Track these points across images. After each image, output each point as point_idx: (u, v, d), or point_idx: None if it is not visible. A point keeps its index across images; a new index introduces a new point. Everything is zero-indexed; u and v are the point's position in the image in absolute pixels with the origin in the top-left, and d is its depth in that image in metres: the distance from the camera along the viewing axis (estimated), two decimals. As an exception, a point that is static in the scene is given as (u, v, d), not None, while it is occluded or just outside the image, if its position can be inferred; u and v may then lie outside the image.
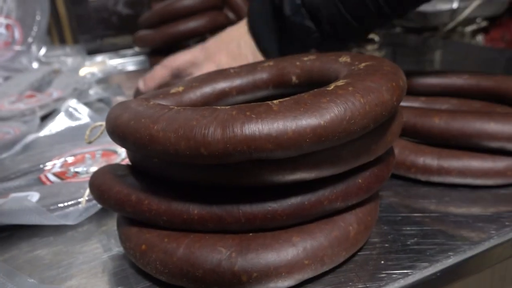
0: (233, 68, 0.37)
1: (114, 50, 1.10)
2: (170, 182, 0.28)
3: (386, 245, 0.30)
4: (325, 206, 0.27)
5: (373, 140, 0.27)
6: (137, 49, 0.93)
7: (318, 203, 0.26)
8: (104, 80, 0.88)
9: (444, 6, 1.10)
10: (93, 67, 0.87)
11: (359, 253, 0.29)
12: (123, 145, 0.27)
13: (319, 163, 0.25)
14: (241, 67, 0.37)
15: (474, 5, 1.05)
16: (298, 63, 0.35)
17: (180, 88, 0.35)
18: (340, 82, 0.25)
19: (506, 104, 0.44)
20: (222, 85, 0.36)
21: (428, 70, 0.64)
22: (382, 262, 0.28)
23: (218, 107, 0.24)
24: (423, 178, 0.37)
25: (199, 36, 0.81)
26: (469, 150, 0.36)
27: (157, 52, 0.82)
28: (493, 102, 0.45)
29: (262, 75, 0.36)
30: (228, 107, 0.24)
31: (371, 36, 0.97)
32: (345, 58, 0.31)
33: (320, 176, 0.26)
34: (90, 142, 0.33)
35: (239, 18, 0.82)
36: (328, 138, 0.23)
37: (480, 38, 1.16)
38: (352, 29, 0.47)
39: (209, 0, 0.78)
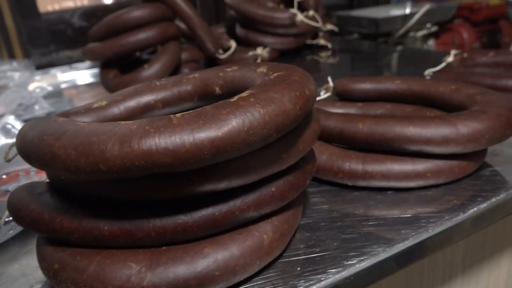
0: (159, 80, 0.37)
1: (68, 63, 1.08)
2: (83, 198, 0.27)
3: (307, 251, 0.30)
4: (237, 216, 0.27)
5: (283, 149, 0.27)
6: (90, 62, 0.92)
7: (230, 214, 0.27)
8: (55, 94, 0.86)
9: (395, 13, 1.13)
10: (43, 81, 0.85)
11: (279, 261, 0.30)
12: (29, 163, 0.26)
13: (227, 174, 0.26)
14: (167, 79, 0.37)
15: (423, 10, 1.08)
16: (221, 74, 0.35)
17: (103, 103, 0.35)
18: (244, 94, 0.26)
19: (435, 107, 0.46)
20: (147, 98, 0.36)
21: (382, 75, 0.66)
22: (299, 269, 0.28)
23: (122, 122, 0.25)
24: (350, 182, 0.37)
25: (150, 48, 0.80)
26: (393, 154, 0.37)
27: (108, 65, 0.81)
28: (424, 106, 0.47)
29: (187, 87, 0.36)
30: (131, 121, 0.24)
31: (324, 43, 0.99)
32: (262, 69, 0.32)
33: (229, 186, 0.26)
34: (8, 161, 0.32)
35: (190, 29, 0.82)
36: (227, 150, 0.23)
37: (431, 42, 1.20)
38: None
39: (159, 11, 0.77)
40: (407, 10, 1.26)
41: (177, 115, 0.24)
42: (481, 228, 0.34)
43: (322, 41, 0.98)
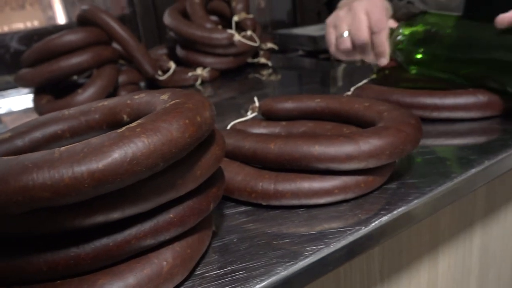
0: (68, 110, 0.37)
1: (6, 88, 1.05)
2: (-28, 236, 0.27)
3: (212, 274, 0.31)
4: (133, 245, 0.27)
5: (179, 176, 0.28)
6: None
7: (125, 243, 0.27)
8: (-11, 122, 0.84)
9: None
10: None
11: (185, 284, 0.30)
12: None
13: (119, 204, 0.26)
14: (76, 109, 0.37)
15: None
16: (129, 101, 0.35)
17: (7, 135, 0.34)
18: (133, 124, 0.26)
19: (352, 124, 0.48)
20: (53, 128, 0.35)
21: (320, 91, 0.68)
22: (204, 292, 0.29)
23: (8, 157, 0.24)
24: (263, 202, 0.38)
25: (85, 72, 0.80)
26: (304, 172, 0.38)
27: (42, 90, 0.79)
28: (342, 123, 0.49)
29: (95, 116, 0.36)
30: (14, 157, 0.24)
31: (265, 61, 1.01)
32: (164, 96, 0.32)
33: (123, 216, 0.26)
34: None
35: (127, 51, 0.82)
36: (109, 181, 0.23)
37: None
38: None
39: (93, 35, 0.77)
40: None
41: (62, 148, 0.24)
42: (385, 241, 0.35)
43: (262, 60, 1.01)
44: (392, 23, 0.62)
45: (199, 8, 0.95)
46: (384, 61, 0.61)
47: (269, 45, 1.02)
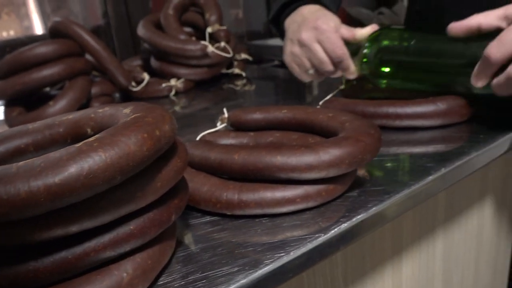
0: (33, 124, 0.37)
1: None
2: None
3: (174, 283, 0.31)
4: (92, 258, 0.27)
5: (138, 188, 0.28)
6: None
7: (84, 256, 0.27)
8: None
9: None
10: None
11: (146, 297, 0.30)
12: None
13: (77, 217, 0.26)
14: (41, 122, 0.37)
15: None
16: (92, 115, 0.36)
17: (-30, 150, 0.34)
18: (92, 138, 0.27)
19: (317, 133, 0.49)
20: (17, 142, 0.36)
21: (292, 101, 0.69)
22: (160, 303, 0.29)
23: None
24: (228, 212, 0.39)
25: (57, 84, 0.79)
26: (267, 182, 0.39)
27: (14, 102, 0.79)
28: (308, 133, 0.50)
29: (59, 129, 0.36)
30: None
31: (239, 72, 1.02)
32: (127, 109, 0.33)
33: (82, 229, 0.27)
34: None
35: (99, 63, 0.82)
36: (66, 195, 0.24)
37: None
38: None
39: (65, 47, 0.77)
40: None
41: (21, 162, 0.25)
42: (345, 247, 0.37)
43: (237, 70, 1.02)
44: (347, 32, 0.62)
45: (173, 19, 0.96)
46: (353, 76, 0.63)
47: (244, 55, 1.04)
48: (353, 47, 0.62)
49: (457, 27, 0.50)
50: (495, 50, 0.45)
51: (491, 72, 0.47)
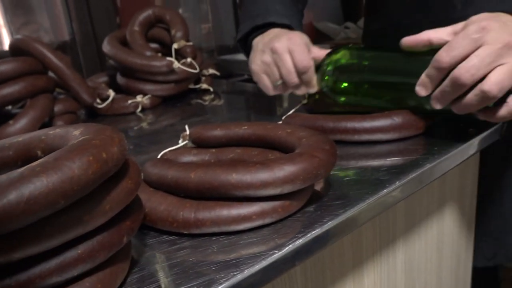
0: (-18, 146, 0.36)
1: None
2: None
3: (126, 307, 0.31)
4: (37, 284, 0.27)
5: (86, 211, 0.28)
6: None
7: (29, 283, 0.27)
8: None
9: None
10: None
11: (97, 321, 0.30)
12: None
13: (20, 244, 0.26)
14: (-10, 145, 0.36)
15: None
16: (43, 137, 0.35)
17: None
18: (35, 162, 0.26)
19: (276, 149, 0.50)
20: (-36, 166, 0.35)
21: (262, 115, 0.69)
22: (112, 327, 0.29)
23: None
24: (185, 231, 0.39)
25: (18, 102, 0.78)
26: (224, 200, 0.39)
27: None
28: (268, 148, 0.51)
29: (9, 152, 0.36)
30: None
31: (206, 87, 1.02)
32: (77, 131, 0.33)
33: (25, 255, 0.26)
34: None
35: (63, 81, 0.81)
36: (5, 222, 0.23)
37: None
38: None
39: (26, 65, 0.76)
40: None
41: (-41, 190, 0.24)
42: (300, 263, 0.37)
43: (204, 85, 1.02)
44: (317, 52, 0.65)
45: (138, 36, 0.96)
46: (314, 90, 0.64)
47: (211, 71, 1.04)
48: (317, 65, 0.64)
49: (409, 40, 0.52)
50: (445, 54, 0.47)
51: (437, 79, 0.49)
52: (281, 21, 0.70)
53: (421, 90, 0.51)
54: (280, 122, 0.62)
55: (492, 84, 0.45)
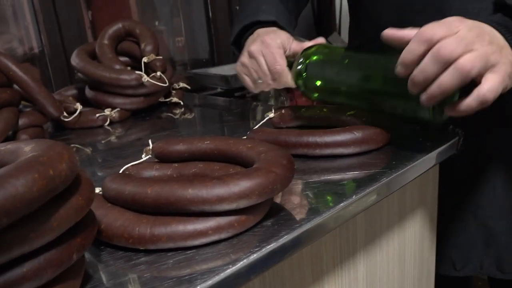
0: None
1: None
2: None
3: (75, 326, 0.30)
4: (-22, 305, 0.26)
5: (31, 229, 0.28)
6: None
7: (-31, 303, 0.26)
8: None
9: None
10: None
11: None
12: None
13: (-40, 263, 0.25)
14: None
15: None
16: (-6, 153, 0.35)
17: None
18: (-23, 180, 0.26)
19: (238, 164, 0.50)
20: None
21: (231, 129, 0.70)
22: None
23: None
24: (141, 247, 0.39)
25: (-19, 115, 0.76)
26: (181, 215, 0.39)
27: None
28: (230, 163, 0.51)
29: (-42, 169, 0.35)
30: None
31: (177, 100, 1.03)
32: (28, 147, 0.33)
33: (-34, 275, 0.26)
34: None
35: (27, 94, 0.80)
36: None
37: (283, 98, 1.32)
38: None
39: (-11, 78, 0.74)
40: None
41: None
42: (256, 277, 0.37)
43: (175, 99, 1.02)
44: (296, 46, 0.67)
45: (108, 49, 0.96)
46: (292, 86, 0.67)
47: (182, 84, 1.05)
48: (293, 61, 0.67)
49: (389, 33, 0.52)
50: (429, 29, 0.47)
51: (418, 56, 0.48)
52: (267, 19, 0.73)
53: (401, 68, 0.49)
54: (245, 137, 0.63)
55: (467, 61, 0.46)
